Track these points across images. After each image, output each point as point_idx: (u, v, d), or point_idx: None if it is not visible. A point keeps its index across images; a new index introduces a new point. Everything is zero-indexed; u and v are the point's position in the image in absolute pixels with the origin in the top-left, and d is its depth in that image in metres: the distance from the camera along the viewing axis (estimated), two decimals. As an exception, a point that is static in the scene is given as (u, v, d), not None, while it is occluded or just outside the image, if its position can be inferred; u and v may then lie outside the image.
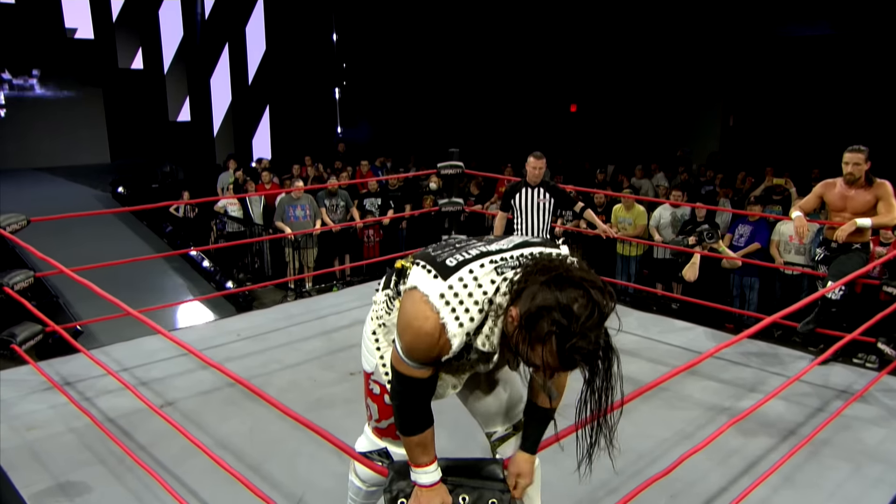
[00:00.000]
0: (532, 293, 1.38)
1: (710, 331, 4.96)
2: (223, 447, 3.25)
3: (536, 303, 1.37)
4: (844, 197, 4.15)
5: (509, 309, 1.44)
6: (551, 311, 1.36)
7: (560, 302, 1.35)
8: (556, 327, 1.35)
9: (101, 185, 13.00)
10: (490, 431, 1.93)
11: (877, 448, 3.29)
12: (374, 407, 1.87)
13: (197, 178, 12.04)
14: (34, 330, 4.02)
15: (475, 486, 1.61)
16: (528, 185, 4.67)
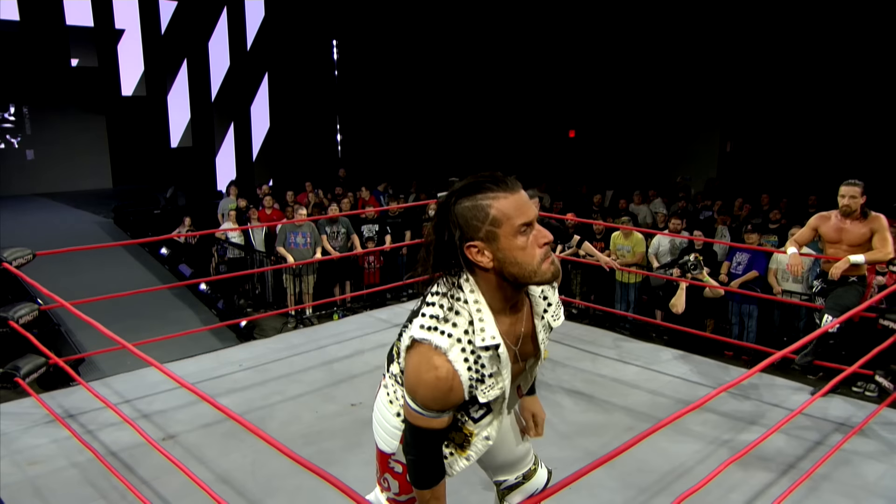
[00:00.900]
0: (453, 220, 1.47)
1: (709, 361, 4.98)
2: (224, 482, 3.26)
3: (460, 218, 1.46)
4: (840, 230, 4.20)
5: (469, 250, 1.47)
6: (467, 207, 1.46)
7: (463, 197, 1.47)
8: (480, 202, 1.45)
9: (103, 210, 13.08)
10: (500, 480, 1.96)
11: (877, 483, 3.29)
12: (396, 483, 1.86)
13: (198, 203, 12.12)
14: (38, 363, 4.04)
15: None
16: None
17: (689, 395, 4.30)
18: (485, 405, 1.60)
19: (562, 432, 3.88)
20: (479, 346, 1.47)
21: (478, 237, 1.44)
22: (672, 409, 4.11)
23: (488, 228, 1.43)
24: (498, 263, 1.45)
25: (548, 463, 3.42)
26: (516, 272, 1.45)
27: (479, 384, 1.52)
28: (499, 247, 1.44)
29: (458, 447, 1.69)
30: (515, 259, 1.44)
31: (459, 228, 1.45)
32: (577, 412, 4.12)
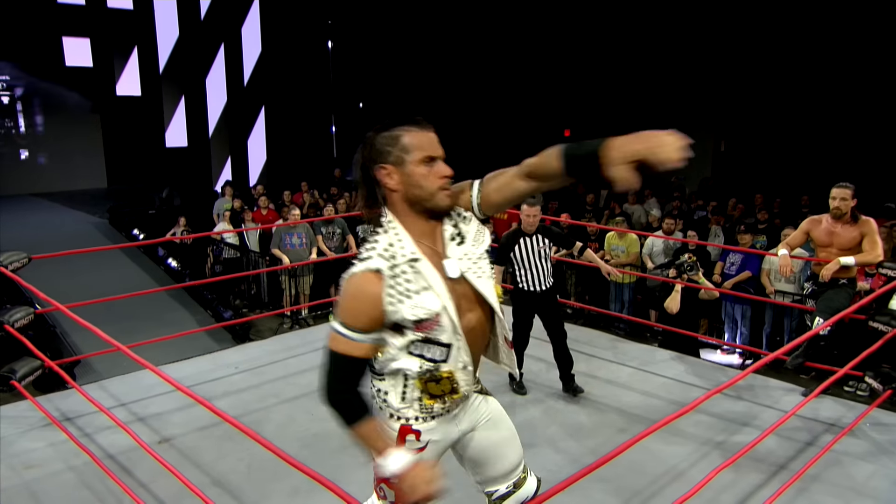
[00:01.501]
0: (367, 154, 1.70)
1: (702, 362, 5.02)
2: (221, 486, 3.28)
3: (377, 145, 1.68)
4: (831, 233, 4.24)
5: (380, 175, 1.67)
6: (383, 136, 1.68)
7: (382, 130, 1.70)
8: (394, 132, 1.67)
9: (98, 211, 13.07)
10: (491, 491, 2.00)
11: (865, 484, 3.34)
12: (392, 493, 1.88)
13: (193, 203, 12.11)
14: (33, 365, 4.05)
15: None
16: (524, 235, 4.40)
17: (682, 396, 4.34)
18: (446, 345, 1.69)
19: (555, 434, 3.91)
20: (400, 261, 1.62)
21: (388, 161, 1.65)
22: (665, 410, 4.14)
23: (398, 153, 1.64)
24: (403, 186, 1.65)
25: (542, 464, 3.47)
26: (418, 193, 1.65)
27: (406, 299, 1.62)
28: (405, 171, 1.64)
29: (449, 395, 1.77)
30: (418, 182, 1.64)
31: (375, 155, 1.67)
32: (571, 413, 4.16)
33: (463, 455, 2.00)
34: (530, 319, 4.46)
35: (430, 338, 1.68)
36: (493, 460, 1.97)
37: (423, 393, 1.77)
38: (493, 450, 1.97)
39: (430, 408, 1.79)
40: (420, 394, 1.77)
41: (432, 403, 1.78)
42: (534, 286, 4.39)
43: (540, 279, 4.40)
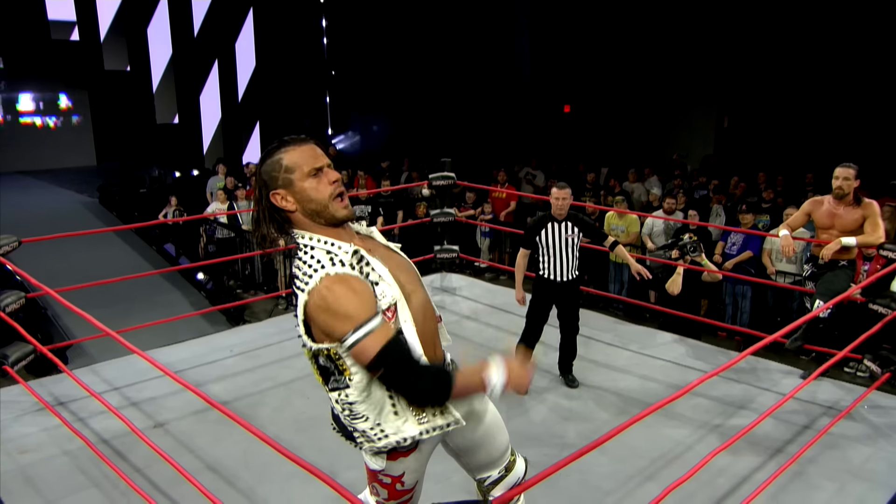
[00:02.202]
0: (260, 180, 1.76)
1: (702, 344, 5.07)
2: (216, 471, 3.34)
3: (264, 175, 1.74)
4: (832, 215, 4.26)
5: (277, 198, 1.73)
6: (267, 164, 1.74)
7: (264, 160, 1.76)
8: (275, 157, 1.73)
9: (88, 189, 13.03)
10: (483, 477, 2.05)
11: (862, 466, 3.40)
12: (385, 491, 1.95)
13: (185, 182, 12.09)
14: (25, 350, 4.08)
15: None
16: (553, 220, 4.24)
17: (680, 379, 4.39)
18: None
19: (551, 418, 3.97)
20: (347, 258, 1.68)
21: (278, 185, 1.72)
22: (663, 393, 4.19)
23: (284, 176, 1.71)
24: (299, 205, 1.72)
25: (538, 448, 3.52)
26: (314, 207, 1.72)
27: (374, 289, 1.69)
28: (294, 189, 1.71)
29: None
30: (310, 197, 1.71)
31: (265, 184, 1.73)
32: (568, 398, 4.21)
33: (451, 444, 2.04)
34: (547, 310, 4.34)
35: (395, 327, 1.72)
36: (481, 447, 2.01)
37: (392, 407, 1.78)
38: (481, 438, 2.01)
39: (426, 416, 1.80)
40: (390, 409, 1.78)
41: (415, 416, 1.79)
42: (557, 275, 4.25)
43: (564, 269, 4.25)
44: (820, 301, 4.13)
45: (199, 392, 2.89)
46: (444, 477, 2.96)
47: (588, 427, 3.83)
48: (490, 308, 5.73)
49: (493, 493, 2.01)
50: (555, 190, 4.22)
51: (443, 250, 6.18)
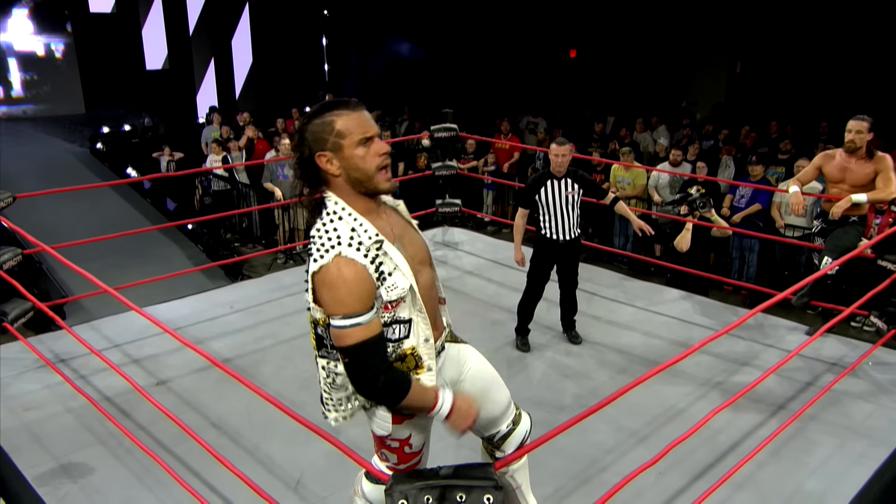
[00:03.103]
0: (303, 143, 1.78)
1: (706, 300, 5.14)
2: (220, 428, 3.44)
3: (312, 134, 1.76)
4: (844, 169, 4.26)
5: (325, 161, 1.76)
6: (317, 124, 1.76)
7: (314, 118, 1.77)
8: (327, 119, 1.75)
9: (78, 139, 12.95)
10: (493, 433, 2.13)
11: (863, 423, 3.50)
12: (394, 456, 2.04)
13: (179, 131, 12.00)
14: (25, 307, 4.15)
15: (470, 485, 1.79)
16: (552, 177, 4.22)
17: (684, 336, 4.47)
18: (406, 321, 1.82)
19: (553, 376, 4.06)
20: (368, 243, 1.72)
21: (326, 148, 1.74)
22: (665, 350, 4.28)
23: (334, 140, 1.74)
24: (344, 171, 1.76)
25: (540, 406, 3.62)
26: (358, 176, 1.76)
27: (383, 281, 1.74)
28: (343, 155, 1.74)
29: (414, 370, 1.88)
30: (357, 166, 1.75)
31: (312, 143, 1.75)
32: (570, 355, 4.29)
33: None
34: (548, 270, 4.36)
35: (395, 318, 1.80)
36: (485, 404, 2.08)
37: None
38: (483, 395, 2.08)
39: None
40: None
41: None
42: (558, 234, 4.26)
43: (565, 227, 4.25)
44: (828, 258, 4.17)
45: (201, 351, 2.96)
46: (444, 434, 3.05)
47: (588, 385, 3.92)
48: (492, 263, 5.78)
49: (504, 448, 2.10)
50: (554, 146, 4.20)
51: (444, 204, 6.19)
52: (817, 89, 10.94)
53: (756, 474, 3.07)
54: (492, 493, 1.80)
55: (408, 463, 2.06)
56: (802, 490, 2.99)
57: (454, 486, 1.78)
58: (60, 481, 3.06)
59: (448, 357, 2.03)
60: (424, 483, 1.80)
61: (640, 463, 2.65)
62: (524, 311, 4.35)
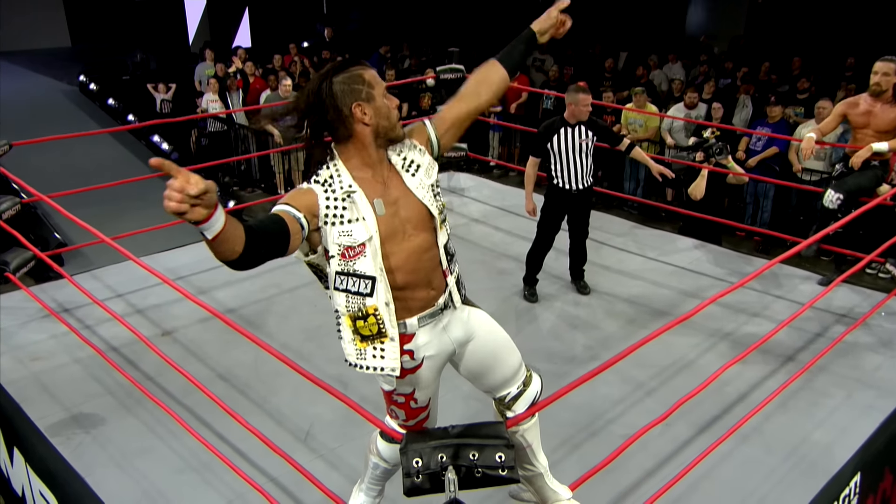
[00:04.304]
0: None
1: (718, 248, 5.19)
2: (228, 380, 3.56)
3: (342, 86, 1.86)
4: (868, 113, 4.23)
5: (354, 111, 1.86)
6: (345, 78, 1.86)
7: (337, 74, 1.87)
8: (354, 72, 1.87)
9: (66, 76, 12.80)
10: (503, 395, 2.21)
11: (872, 374, 3.60)
12: (402, 412, 2.16)
13: (171, 67, 11.84)
14: (25, 257, 4.22)
15: (483, 444, 1.89)
16: (566, 124, 4.21)
17: (694, 286, 4.55)
18: (369, 278, 1.88)
19: (560, 326, 4.16)
20: (337, 192, 1.86)
21: (360, 98, 1.86)
22: (674, 300, 4.37)
23: (367, 90, 1.87)
24: (374, 120, 1.87)
25: (547, 357, 3.73)
26: (386, 125, 1.89)
27: (339, 223, 1.86)
28: (375, 105, 1.87)
29: (377, 337, 1.95)
30: (386, 115, 1.89)
31: (344, 95, 1.84)
32: (578, 305, 4.38)
33: (462, 367, 2.19)
34: (559, 221, 4.38)
35: (355, 269, 1.88)
36: (494, 366, 2.17)
37: (354, 335, 1.96)
38: (493, 357, 2.16)
39: (364, 353, 1.96)
40: (353, 335, 1.96)
41: (364, 347, 1.96)
42: (570, 184, 4.27)
43: (578, 176, 4.25)
44: (831, 191, 4.16)
45: (205, 305, 3.07)
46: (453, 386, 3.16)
47: (597, 336, 4.02)
48: (499, 210, 5.82)
49: (515, 408, 2.18)
50: (582, 95, 4.15)
51: (450, 149, 6.17)
52: (844, 21, 10.67)
53: (763, 425, 3.18)
54: (503, 451, 1.90)
55: (416, 418, 2.16)
56: (809, 441, 3.11)
57: (467, 445, 1.88)
58: (73, 431, 3.20)
59: (456, 318, 2.09)
60: (438, 442, 1.90)
61: (648, 414, 2.77)
62: (533, 261, 4.42)
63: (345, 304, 1.93)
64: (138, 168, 9.05)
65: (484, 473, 1.88)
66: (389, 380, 2.06)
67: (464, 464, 1.88)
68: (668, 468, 2.93)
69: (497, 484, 1.91)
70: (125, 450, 3.08)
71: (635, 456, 2.86)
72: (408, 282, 1.95)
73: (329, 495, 2.48)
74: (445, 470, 1.87)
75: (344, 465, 2.99)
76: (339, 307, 1.95)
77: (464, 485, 1.89)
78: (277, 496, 2.71)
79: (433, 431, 2.04)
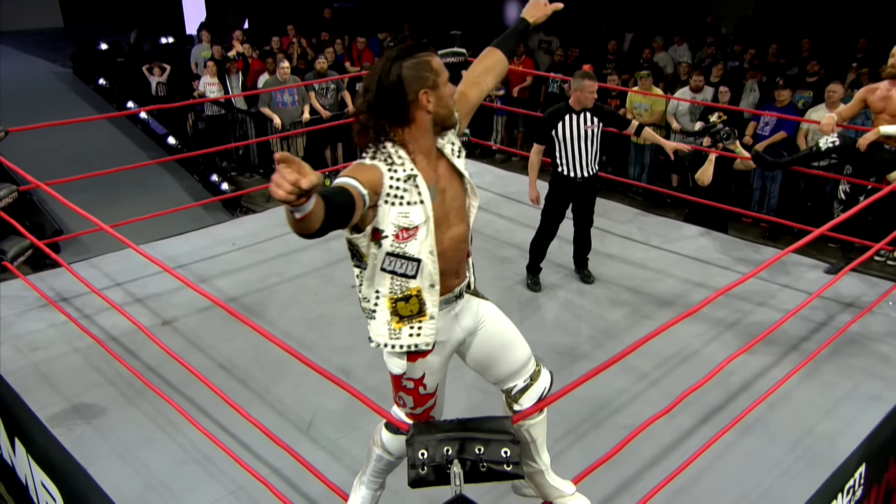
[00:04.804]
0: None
1: (724, 236, 5.21)
2: (229, 370, 3.60)
3: (412, 71, 1.91)
4: (885, 98, 4.28)
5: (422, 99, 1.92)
6: (414, 64, 1.92)
7: (406, 58, 1.93)
8: (422, 59, 1.93)
9: (59, 57, 12.73)
10: (510, 387, 2.25)
11: (879, 364, 3.64)
12: (410, 398, 2.18)
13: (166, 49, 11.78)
14: (23, 245, 4.25)
15: (488, 438, 1.93)
16: (571, 111, 4.20)
17: (700, 275, 4.57)
18: (416, 260, 1.96)
19: (564, 316, 4.19)
20: (400, 174, 1.92)
21: (427, 85, 1.92)
22: (680, 289, 4.40)
23: (434, 78, 1.93)
24: (435, 107, 1.94)
25: (554, 349, 3.76)
26: (444, 113, 1.97)
27: (398, 203, 1.92)
28: (438, 93, 1.93)
29: (416, 316, 2.03)
30: (445, 103, 1.96)
31: (412, 82, 1.91)
32: (582, 294, 4.41)
33: (470, 357, 2.24)
34: (563, 209, 4.39)
35: (404, 251, 1.94)
36: (502, 358, 2.22)
37: (392, 315, 2.02)
38: (501, 348, 2.21)
39: (398, 333, 2.02)
40: (390, 316, 2.02)
41: (400, 327, 2.02)
42: (575, 171, 4.27)
43: (583, 164, 4.26)
44: (827, 137, 4.29)
45: (206, 293, 3.09)
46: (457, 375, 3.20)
47: (601, 326, 4.05)
48: (502, 198, 5.84)
49: (521, 402, 2.23)
50: (588, 82, 4.14)
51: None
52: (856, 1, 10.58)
53: (766, 416, 3.22)
54: (509, 446, 1.94)
55: (423, 406, 2.20)
56: (813, 432, 3.15)
57: (473, 439, 1.92)
58: (74, 422, 3.25)
59: (467, 308, 2.15)
60: (444, 435, 1.93)
61: (652, 405, 2.81)
62: (537, 250, 4.44)
63: (388, 287, 1.99)
64: (134, 151, 9.07)
65: (489, 468, 1.92)
66: (401, 364, 2.10)
67: (469, 457, 1.92)
68: (671, 459, 2.98)
69: (502, 479, 1.94)
70: (126, 441, 3.12)
71: (639, 447, 2.89)
72: (444, 269, 2.02)
73: (331, 487, 2.53)
74: (451, 463, 1.90)
75: (346, 456, 3.03)
76: (381, 289, 2.00)
77: (468, 479, 1.93)
78: (280, 487, 2.76)
79: (439, 423, 2.07)
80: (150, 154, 8.94)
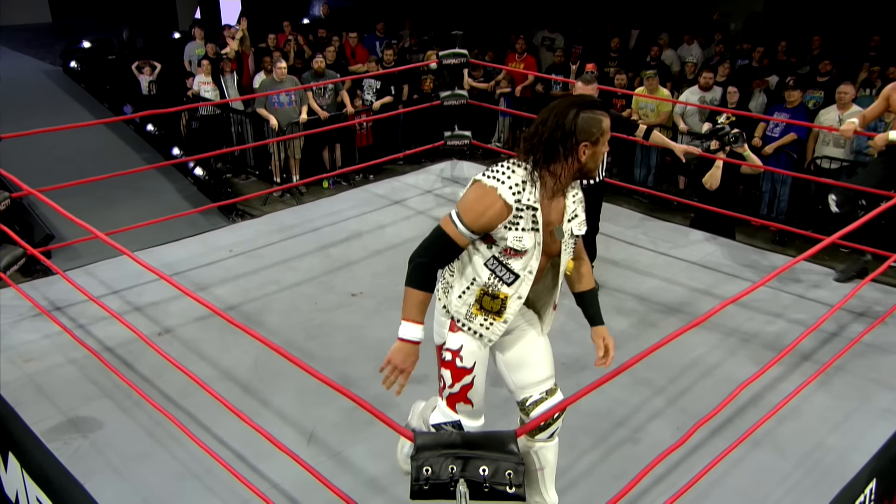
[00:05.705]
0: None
1: (731, 242, 5.25)
2: (228, 380, 3.64)
3: (584, 123, 2.18)
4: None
5: (580, 148, 2.19)
6: (590, 117, 2.19)
7: (586, 109, 2.20)
8: (597, 116, 2.20)
9: (48, 55, 12.80)
10: (526, 397, 2.44)
11: (891, 377, 3.67)
12: (448, 373, 2.38)
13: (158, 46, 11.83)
14: (16, 254, 4.29)
15: (494, 458, 1.97)
16: None
17: (707, 282, 4.61)
18: (516, 275, 2.26)
19: (572, 325, 4.22)
20: (524, 202, 2.17)
21: (590, 140, 2.19)
22: (687, 297, 4.44)
23: (598, 136, 2.20)
24: (588, 160, 2.22)
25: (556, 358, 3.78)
26: (591, 167, 2.25)
27: (514, 228, 2.19)
28: (595, 150, 2.21)
29: (495, 314, 2.31)
30: (597, 161, 2.25)
31: (580, 132, 2.17)
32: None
33: (500, 356, 2.46)
34: None
35: (507, 264, 2.25)
36: (530, 364, 2.43)
37: (476, 302, 2.30)
38: (532, 355, 2.44)
39: (474, 317, 2.31)
40: (474, 301, 2.30)
41: (478, 314, 2.31)
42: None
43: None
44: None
45: (204, 302, 3.12)
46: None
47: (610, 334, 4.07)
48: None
49: (533, 413, 2.40)
50: (580, 84, 4.19)
51: (453, 136, 6.24)
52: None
53: (776, 430, 3.26)
54: (514, 467, 1.98)
55: (461, 382, 2.37)
56: (823, 446, 3.19)
57: (478, 458, 1.96)
58: (70, 436, 3.28)
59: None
60: (449, 451, 1.97)
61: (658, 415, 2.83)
62: (541, 257, 4.48)
63: (485, 281, 2.27)
64: (127, 153, 9.12)
65: (492, 488, 1.97)
66: (441, 332, 2.42)
67: (474, 478, 1.96)
68: (678, 473, 3.01)
69: (504, 499, 1.99)
70: (124, 455, 3.16)
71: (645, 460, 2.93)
72: (535, 289, 2.37)
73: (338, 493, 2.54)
74: (456, 482, 1.95)
75: (350, 468, 3.07)
76: (479, 278, 2.28)
77: (470, 497, 1.98)
78: (281, 502, 2.79)
79: (445, 437, 2.10)
80: (143, 155, 8.99)
